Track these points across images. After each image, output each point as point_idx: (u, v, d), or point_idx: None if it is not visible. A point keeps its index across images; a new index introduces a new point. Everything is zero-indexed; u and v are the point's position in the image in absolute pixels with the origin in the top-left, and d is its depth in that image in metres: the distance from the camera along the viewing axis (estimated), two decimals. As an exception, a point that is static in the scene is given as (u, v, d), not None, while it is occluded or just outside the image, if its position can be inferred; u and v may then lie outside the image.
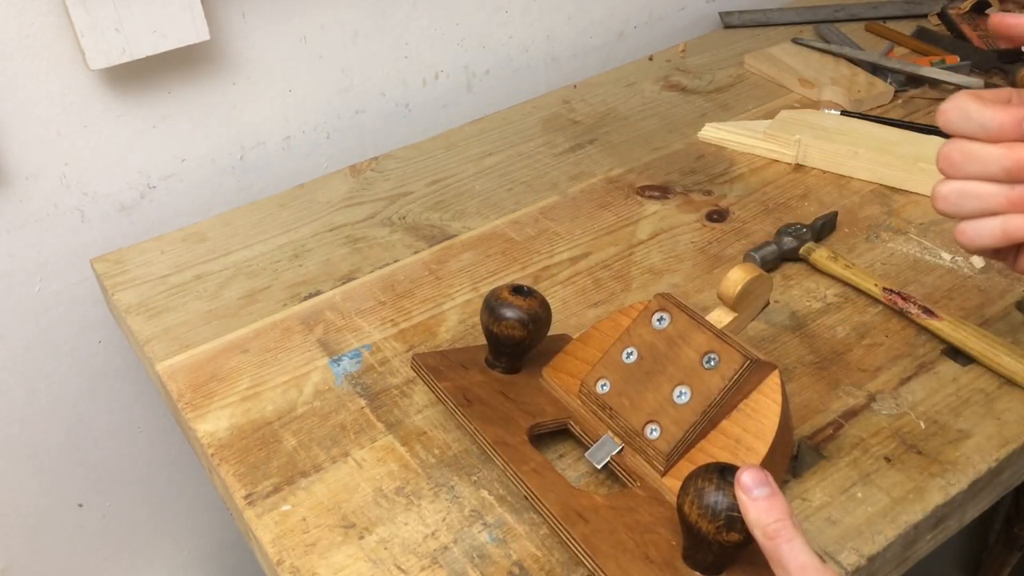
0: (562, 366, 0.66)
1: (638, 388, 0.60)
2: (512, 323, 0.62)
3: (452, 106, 1.09)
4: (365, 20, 0.97)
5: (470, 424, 0.59)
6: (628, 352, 0.61)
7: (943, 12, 1.18)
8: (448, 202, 0.90)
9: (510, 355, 0.65)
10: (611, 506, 0.55)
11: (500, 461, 0.57)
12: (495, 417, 0.60)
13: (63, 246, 0.90)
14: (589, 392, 0.62)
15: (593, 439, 0.61)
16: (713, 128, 0.97)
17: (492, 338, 0.64)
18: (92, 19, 0.77)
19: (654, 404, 0.59)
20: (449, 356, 0.66)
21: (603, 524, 0.53)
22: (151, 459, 1.09)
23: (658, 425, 0.58)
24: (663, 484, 0.58)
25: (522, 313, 0.62)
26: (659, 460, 0.58)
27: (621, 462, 0.59)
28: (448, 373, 0.63)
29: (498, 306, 0.63)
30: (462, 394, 0.61)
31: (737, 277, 0.60)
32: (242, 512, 0.61)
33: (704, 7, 1.24)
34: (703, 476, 0.49)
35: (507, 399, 0.62)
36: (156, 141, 0.90)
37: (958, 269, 0.78)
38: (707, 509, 0.48)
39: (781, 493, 0.46)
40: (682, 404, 0.58)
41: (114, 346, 0.98)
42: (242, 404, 0.69)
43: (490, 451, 0.58)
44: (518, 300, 0.63)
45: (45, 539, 1.06)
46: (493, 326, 0.63)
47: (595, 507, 0.55)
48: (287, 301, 0.79)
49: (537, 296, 0.64)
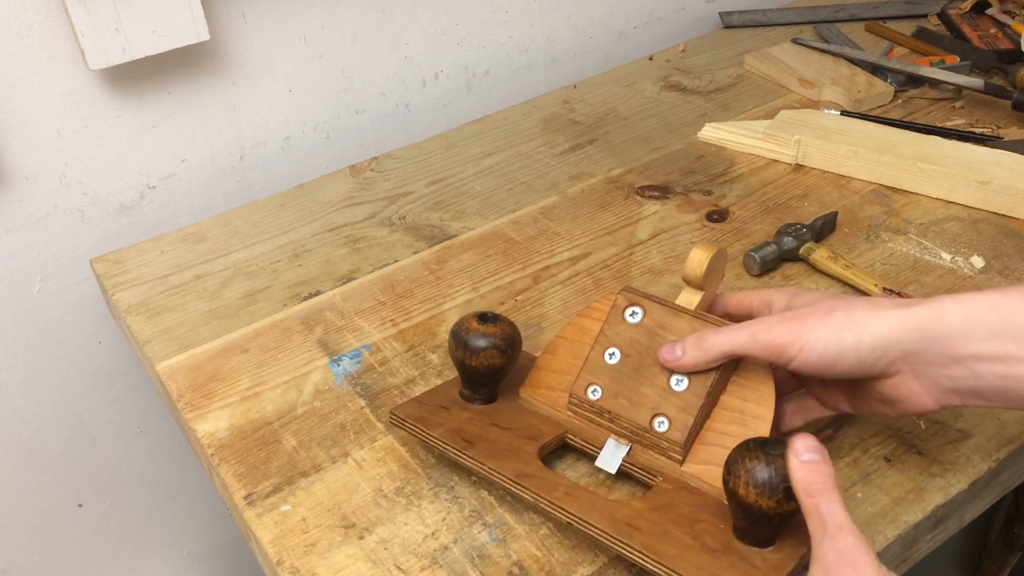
0: (538, 382, 0.64)
1: (632, 386, 0.60)
2: (490, 352, 0.60)
3: (452, 106, 1.09)
4: (365, 20, 0.97)
5: (483, 465, 0.57)
6: (610, 353, 0.61)
7: (943, 12, 1.18)
8: (448, 202, 0.90)
9: (489, 385, 0.63)
10: (651, 508, 0.55)
11: (530, 495, 0.55)
12: (502, 451, 0.58)
13: (63, 246, 0.90)
14: (581, 401, 0.61)
15: (594, 447, 0.60)
16: (713, 128, 0.97)
17: (469, 372, 0.61)
18: (92, 19, 0.77)
19: (654, 397, 0.59)
20: (425, 401, 0.63)
21: (654, 528, 0.53)
22: (151, 459, 1.09)
23: (665, 417, 0.58)
24: (684, 472, 0.58)
25: (497, 340, 0.60)
26: (676, 451, 0.58)
27: (633, 461, 0.59)
28: (434, 419, 0.61)
29: (471, 338, 0.60)
30: (460, 437, 0.59)
31: (701, 256, 0.61)
32: (242, 512, 0.61)
33: (704, 7, 1.24)
34: (748, 456, 0.50)
35: (502, 429, 0.61)
36: (156, 141, 0.90)
37: (958, 269, 0.78)
38: (764, 486, 0.49)
39: (828, 460, 0.47)
40: (682, 391, 0.58)
41: (114, 346, 0.98)
42: (242, 404, 0.69)
43: (516, 488, 0.56)
44: (489, 328, 0.60)
45: (45, 539, 1.06)
46: (471, 360, 0.60)
47: (639, 513, 0.54)
48: (287, 301, 0.79)
49: (504, 319, 0.62)
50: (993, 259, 0.79)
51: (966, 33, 1.13)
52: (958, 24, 1.15)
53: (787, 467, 0.48)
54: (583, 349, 0.63)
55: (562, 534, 0.58)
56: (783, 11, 1.21)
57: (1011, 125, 0.97)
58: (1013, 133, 0.95)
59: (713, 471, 0.57)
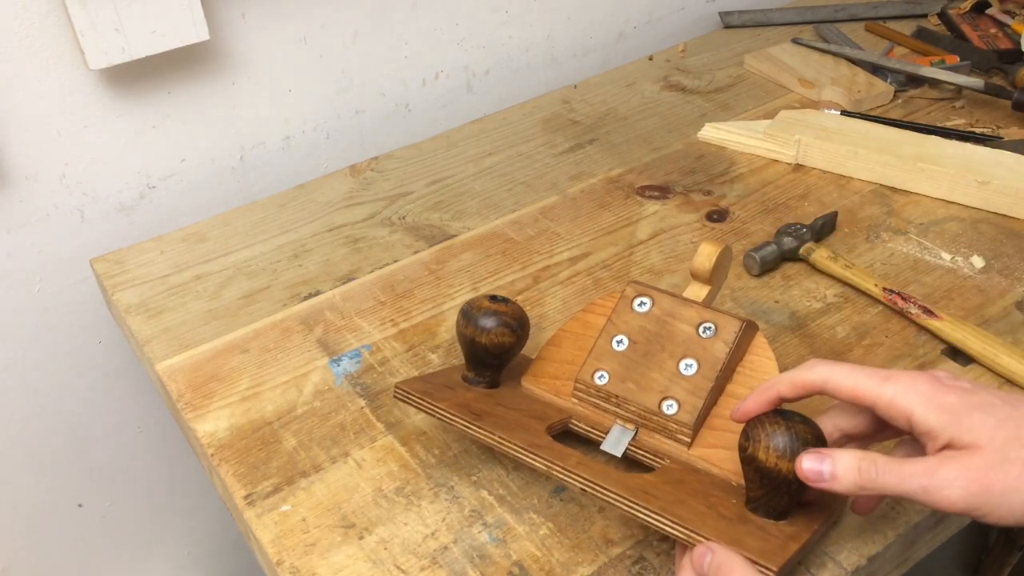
0: (541, 372, 0.65)
1: (640, 371, 0.60)
2: (501, 330, 0.60)
3: (452, 106, 1.09)
4: (365, 20, 0.97)
5: (493, 435, 0.56)
6: (618, 340, 0.62)
7: (943, 12, 1.18)
8: (448, 202, 0.90)
9: (495, 366, 0.62)
10: (663, 481, 0.55)
11: (543, 463, 0.54)
12: (510, 425, 0.58)
13: (63, 246, 0.90)
14: (588, 386, 0.62)
15: (599, 433, 0.60)
16: (713, 128, 0.97)
17: (478, 351, 0.61)
18: (92, 19, 0.77)
19: (663, 381, 0.59)
20: (430, 380, 0.63)
21: (670, 496, 0.53)
22: (151, 459, 1.09)
23: (674, 400, 0.59)
24: (691, 455, 0.58)
25: (508, 318, 0.60)
26: (685, 432, 0.58)
27: (639, 445, 0.59)
28: (440, 394, 0.60)
29: (482, 316, 0.60)
30: (467, 409, 0.59)
31: (710, 250, 0.62)
32: (242, 512, 0.61)
33: (704, 7, 1.24)
34: (767, 421, 0.51)
35: (508, 409, 0.61)
36: (156, 141, 0.90)
37: (958, 269, 0.78)
38: (785, 450, 0.49)
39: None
40: (691, 375, 0.59)
41: (114, 346, 0.98)
42: (242, 404, 0.69)
43: (528, 456, 0.55)
44: (500, 307, 0.61)
45: (45, 539, 1.06)
46: (480, 337, 0.60)
47: (653, 484, 0.54)
48: (287, 301, 0.79)
49: (513, 302, 0.62)
50: (993, 259, 0.79)
51: (966, 33, 1.13)
52: (958, 24, 1.15)
53: (808, 433, 0.49)
54: (587, 342, 0.63)
55: (562, 534, 0.58)
56: (783, 11, 1.21)
57: (1011, 125, 0.97)
58: (1013, 133, 0.95)
59: (721, 454, 0.57)
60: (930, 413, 0.48)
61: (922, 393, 0.49)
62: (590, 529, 0.58)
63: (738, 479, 0.55)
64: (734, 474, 0.56)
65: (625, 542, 0.58)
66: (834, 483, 0.48)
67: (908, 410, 0.49)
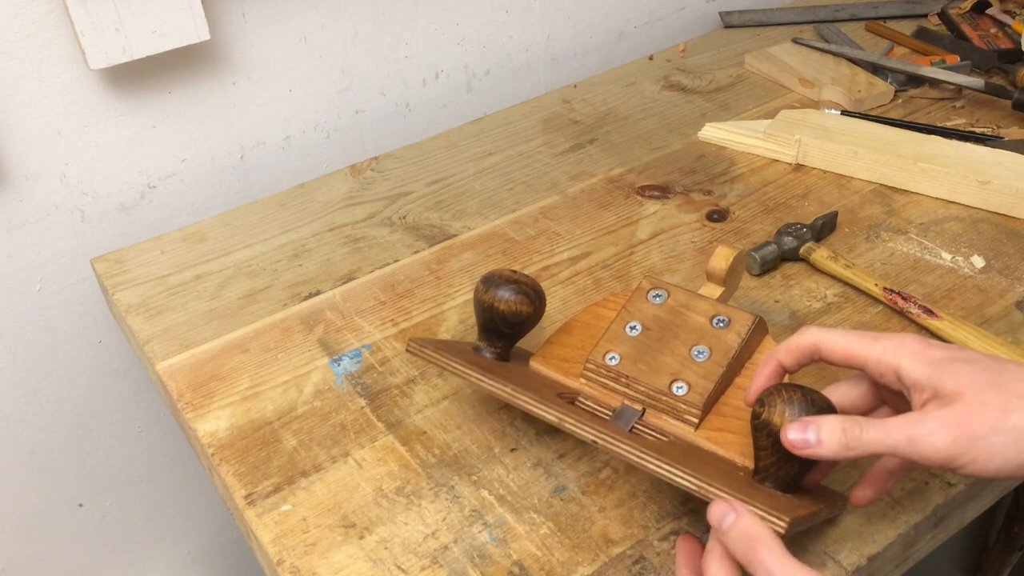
0: (551, 354, 0.65)
1: (653, 354, 0.61)
2: (520, 299, 0.61)
3: (452, 106, 1.09)
4: (365, 20, 0.97)
5: (505, 387, 0.56)
6: (631, 326, 0.63)
7: (943, 12, 1.18)
8: (448, 202, 0.90)
9: (509, 337, 0.63)
10: (672, 445, 0.56)
11: (554, 415, 0.54)
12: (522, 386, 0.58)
13: (63, 246, 0.90)
14: (598, 366, 0.62)
15: (605, 412, 0.61)
16: (713, 128, 0.97)
17: (494, 318, 0.61)
18: (92, 19, 0.77)
19: (674, 364, 0.60)
20: (442, 344, 0.64)
21: (679, 456, 0.53)
22: (151, 459, 1.09)
23: (684, 382, 0.59)
24: (696, 437, 0.58)
25: (527, 288, 0.62)
26: (693, 413, 0.59)
27: (645, 424, 0.60)
28: (452, 354, 0.61)
29: (502, 284, 0.61)
30: (480, 367, 0.59)
31: (726, 252, 0.65)
32: (242, 512, 0.61)
33: (704, 7, 1.24)
34: (783, 389, 0.51)
35: (519, 375, 0.61)
36: (156, 141, 0.90)
37: (958, 269, 0.78)
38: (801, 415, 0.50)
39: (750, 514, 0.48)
40: (703, 361, 0.60)
41: (114, 346, 0.98)
42: (242, 404, 0.69)
43: (540, 409, 0.55)
44: (520, 277, 0.62)
45: (45, 539, 1.06)
46: (499, 304, 0.60)
47: (663, 446, 0.55)
48: (287, 301, 0.79)
49: (533, 278, 0.63)
50: (993, 259, 0.79)
51: (966, 33, 1.13)
52: (958, 24, 1.15)
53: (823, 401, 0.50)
54: (598, 332, 0.64)
55: (562, 534, 0.58)
56: (783, 11, 1.21)
57: (1011, 125, 0.97)
58: (1013, 133, 0.95)
59: (727, 437, 0.58)
60: (916, 365, 0.50)
61: (910, 348, 0.51)
62: (590, 529, 0.58)
63: (743, 461, 0.56)
64: (739, 456, 0.56)
65: (625, 542, 0.58)
66: (820, 448, 0.49)
67: (896, 363, 0.51)
